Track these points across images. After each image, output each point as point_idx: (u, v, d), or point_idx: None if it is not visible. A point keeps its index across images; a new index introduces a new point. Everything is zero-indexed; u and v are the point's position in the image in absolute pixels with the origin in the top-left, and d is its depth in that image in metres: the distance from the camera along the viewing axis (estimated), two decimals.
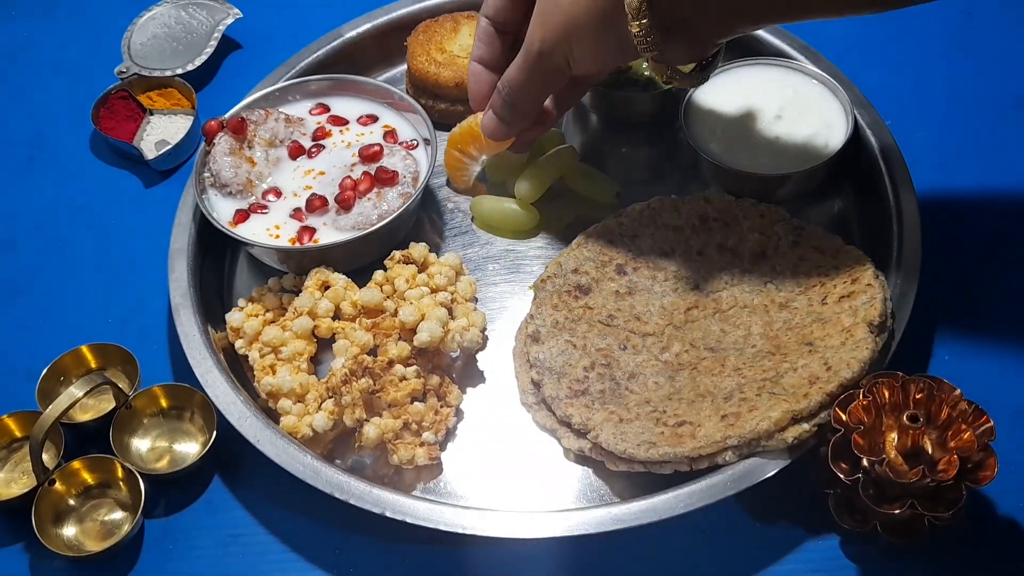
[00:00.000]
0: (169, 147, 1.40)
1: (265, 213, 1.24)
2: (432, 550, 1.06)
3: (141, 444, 1.15)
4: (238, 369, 1.18)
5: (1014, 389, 1.13)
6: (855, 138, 1.25)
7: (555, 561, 1.05)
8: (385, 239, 1.22)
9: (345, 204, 1.22)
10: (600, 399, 1.09)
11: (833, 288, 1.12)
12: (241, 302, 1.22)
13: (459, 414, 1.14)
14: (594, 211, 1.27)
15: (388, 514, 1.03)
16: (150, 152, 1.40)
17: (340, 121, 1.32)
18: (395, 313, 1.15)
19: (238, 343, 1.18)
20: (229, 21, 1.53)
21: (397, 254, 1.21)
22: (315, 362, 1.18)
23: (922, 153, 1.31)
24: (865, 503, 0.98)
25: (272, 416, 1.13)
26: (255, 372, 1.16)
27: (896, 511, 0.97)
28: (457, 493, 1.09)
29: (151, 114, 1.45)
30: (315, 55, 1.41)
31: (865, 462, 0.98)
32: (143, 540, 1.10)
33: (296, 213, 1.24)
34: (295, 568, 1.07)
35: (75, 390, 1.08)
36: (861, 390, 1.00)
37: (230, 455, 1.13)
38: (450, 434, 1.13)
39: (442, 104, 1.37)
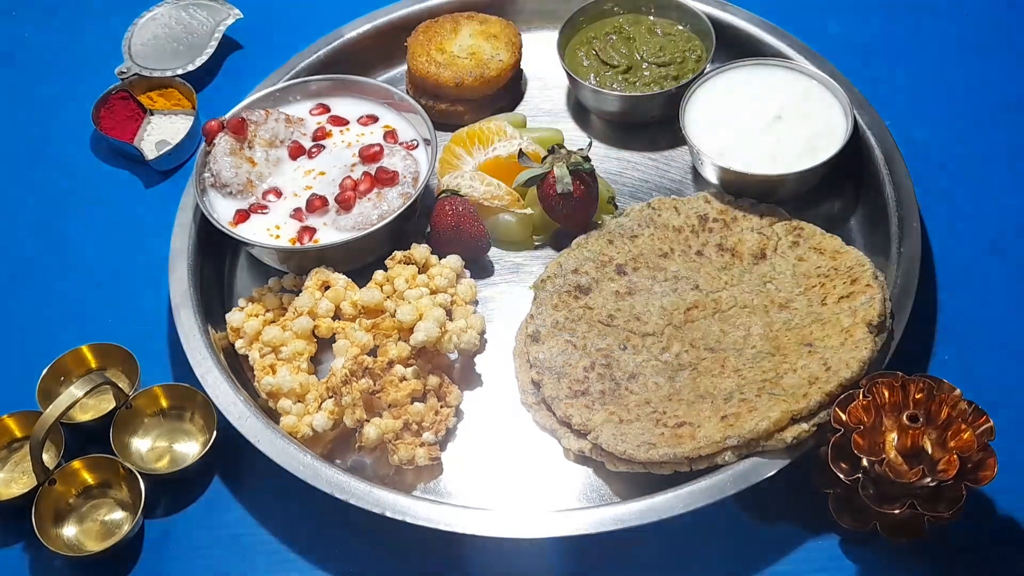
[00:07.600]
0: (169, 147, 1.40)
1: (265, 213, 1.24)
2: (432, 550, 1.06)
3: (141, 444, 1.15)
4: (238, 369, 1.18)
5: (1014, 389, 1.13)
6: (855, 138, 1.24)
7: (555, 561, 1.05)
8: (385, 239, 1.22)
9: (345, 204, 1.22)
10: (600, 399, 1.09)
11: (833, 288, 1.12)
12: (241, 302, 1.22)
13: (459, 414, 1.14)
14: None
15: (388, 514, 1.03)
16: (150, 152, 1.40)
17: (340, 121, 1.32)
18: (395, 313, 1.15)
19: (238, 343, 1.18)
20: (229, 21, 1.53)
21: (398, 254, 1.21)
22: (315, 362, 1.18)
23: (922, 153, 1.31)
24: (865, 503, 0.98)
25: (272, 416, 1.13)
26: (255, 372, 1.16)
27: (896, 511, 0.97)
28: (457, 493, 1.09)
29: (151, 114, 1.45)
30: (315, 55, 1.41)
31: (865, 462, 0.98)
32: (143, 540, 1.10)
33: (296, 213, 1.24)
34: (295, 568, 1.07)
35: (75, 390, 1.08)
36: (861, 390, 1.00)
37: (230, 455, 1.13)
38: (450, 434, 1.13)
39: (442, 104, 1.37)
